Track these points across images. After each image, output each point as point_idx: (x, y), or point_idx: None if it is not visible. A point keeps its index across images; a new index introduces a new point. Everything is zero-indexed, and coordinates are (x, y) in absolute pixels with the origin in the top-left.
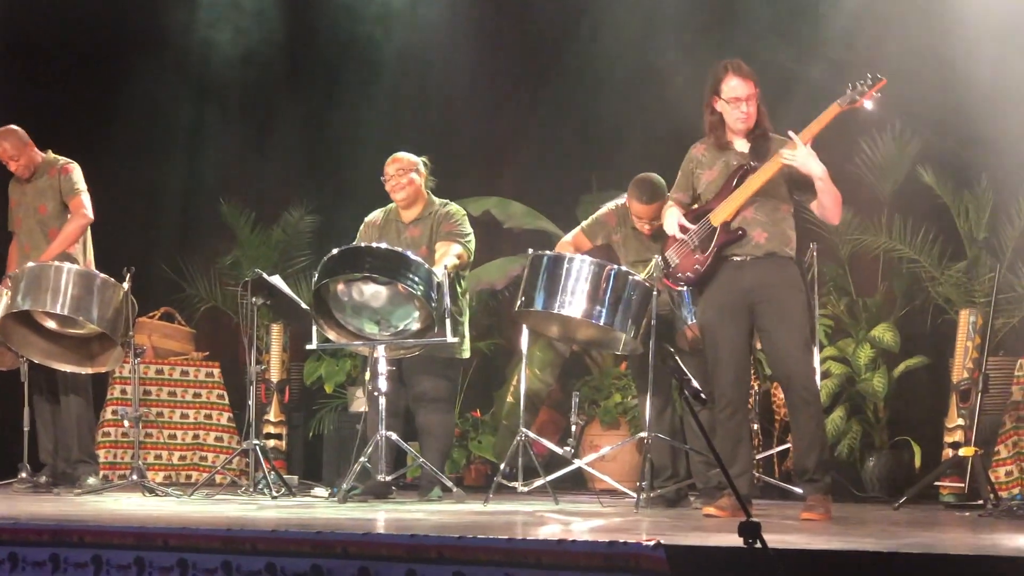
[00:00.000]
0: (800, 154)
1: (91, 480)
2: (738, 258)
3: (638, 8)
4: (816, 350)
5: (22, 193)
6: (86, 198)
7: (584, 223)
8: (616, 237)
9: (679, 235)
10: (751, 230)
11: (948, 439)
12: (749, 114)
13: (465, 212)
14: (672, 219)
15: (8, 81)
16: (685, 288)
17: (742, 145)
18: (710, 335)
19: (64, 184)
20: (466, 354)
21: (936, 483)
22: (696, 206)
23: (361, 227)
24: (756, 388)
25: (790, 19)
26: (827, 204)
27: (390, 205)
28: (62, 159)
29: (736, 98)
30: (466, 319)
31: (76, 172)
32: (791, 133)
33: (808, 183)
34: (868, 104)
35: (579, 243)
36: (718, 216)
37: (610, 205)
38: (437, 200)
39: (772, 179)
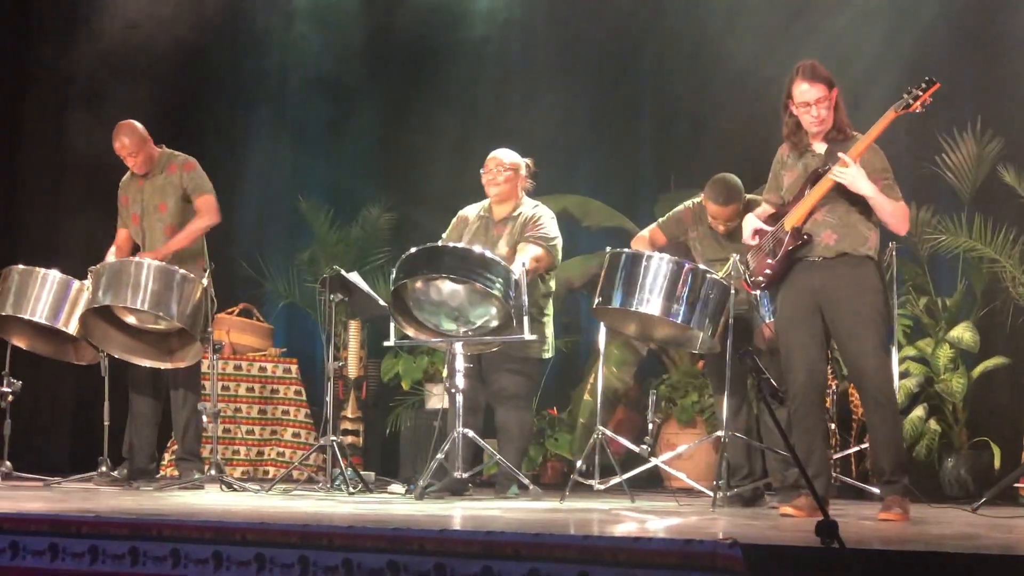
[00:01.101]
0: (849, 173)
1: (195, 477)
2: (810, 259)
3: (717, 4)
4: (895, 350)
5: (138, 191)
6: (214, 197)
7: (660, 219)
8: (692, 235)
9: (751, 241)
10: (820, 231)
11: None
12: (820, 118)
13: (554, 214)
14: (749, 226)
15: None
16: (758, 291)
17: (820, 147)
18: (783, 336)
19: (189, 182)
20: (548, 354)
21: (1016, 484)
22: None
23: (454, 219)
24: (834, 388)
25: (865, 19)
26: (887, 218)
27: (486, 200)
28: (181, 155)
29: (805, 103)
30: (549, 319)
31: (199, 168)
32: (840, 154)
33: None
34: (922, 108)
35: (655, 239)
36: (789, 220)
37: (688, 203)
38: (529, 201)
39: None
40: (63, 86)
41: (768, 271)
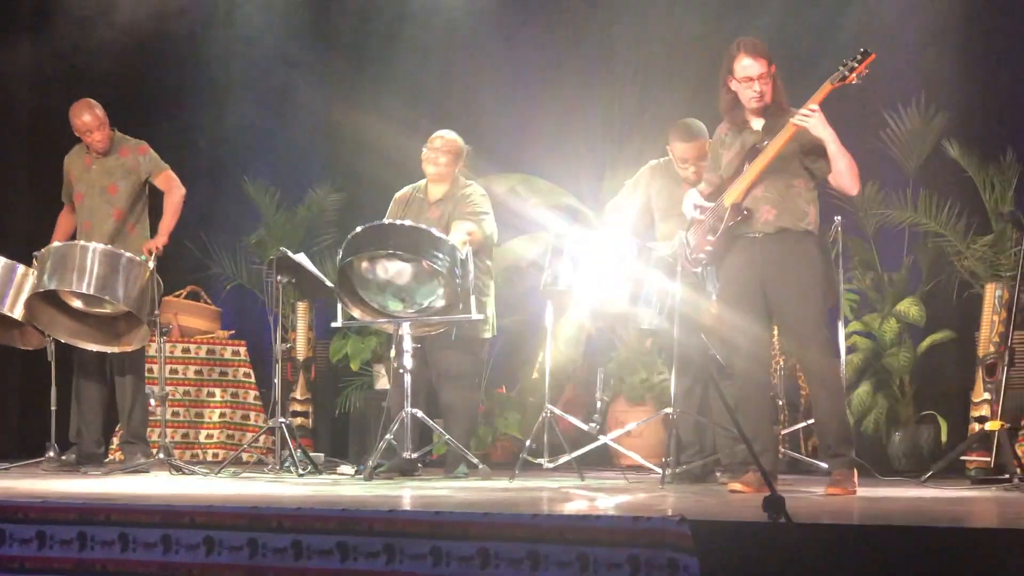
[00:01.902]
0: (814, 118)
1: (139, 460)
2: (750, 235)
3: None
4: (841, 325)
5: (85, 169)
6: (172, 173)
7: (628, 180)
8: (653, 191)
9: (696, 216)
10: (759, 207)
11: (974, 413)
12: (762, 92)
13: (485, 193)
14: (689, 201)
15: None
16: (698, 269)
17: (758, 124)
18: (726, 313)
19: (146, 164)
20: (489, 333)
21: (962, 458)
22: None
23: (391, 204)
24: (781, 364)
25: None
26: (841, 170)
27: (420, 182)
28: (131, 138)
29: (748, 77)
30: (491, 298)
31: (152, 150)
32: (810, 103)
33: (820, 150)
34: (858, 80)
35: (624, 202)
36: (728, 196)
37: (650, 163)
38: (463, 181)
39: (783, 154)
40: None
41: (709, 248)
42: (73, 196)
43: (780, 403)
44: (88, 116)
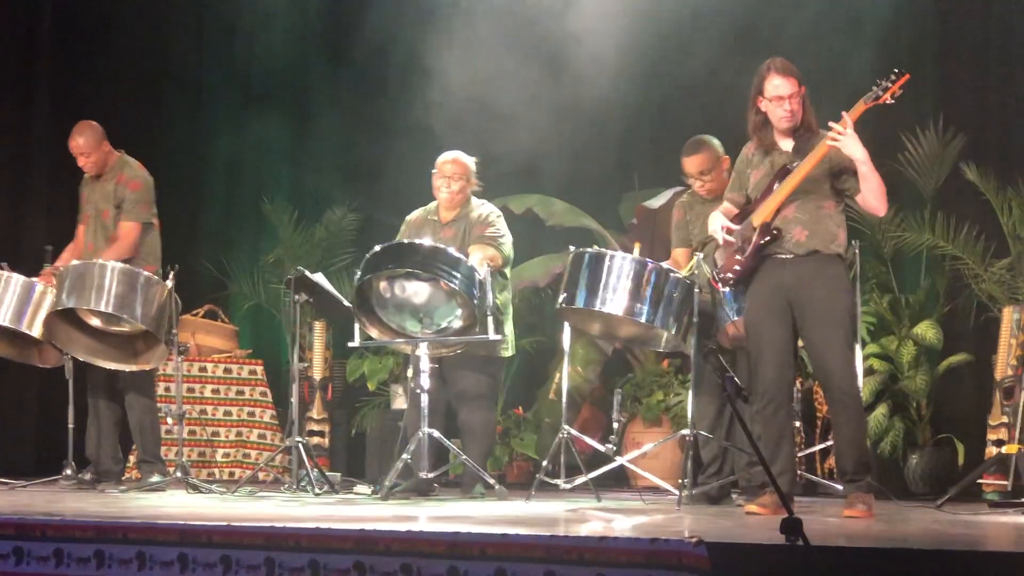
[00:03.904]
0: (847, 136)
1: (155, 479)
2: (780, 256)
3: (681, 4)
4: (858, 348)
5: (91, 191)
6: (137, 228)
7: (673, 239)
8: (689, 222)
9: (725, 237)
10: (791, 228)
11: (992, 436)
12: (792, 112)
13: (501, 212)
14: (716, 222)
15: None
16: (727, 288)
17: (787, 144)
18: (753, 332)
19: (125, 201)
20: (508, 352)
21: (979, 481)
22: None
23: (403, 226)
24: (799, 386)
25: (830, 19)
26: (871, 191)
27: (431, 204)
28: (135, 169)
29: (779, 96)
30: (509, 317)
31: (142, 192)
32: (844, 114)
33: (850, 170)
34: (891, 99)
35: (679, 258)
36: (758, 216)
37: (674, 201)
38: (475, 200)
39: (813, 175)
40: (29, 82)
41: (737, 267)
42: (83, 218)
43: (798, 424)
44: (81, 139)
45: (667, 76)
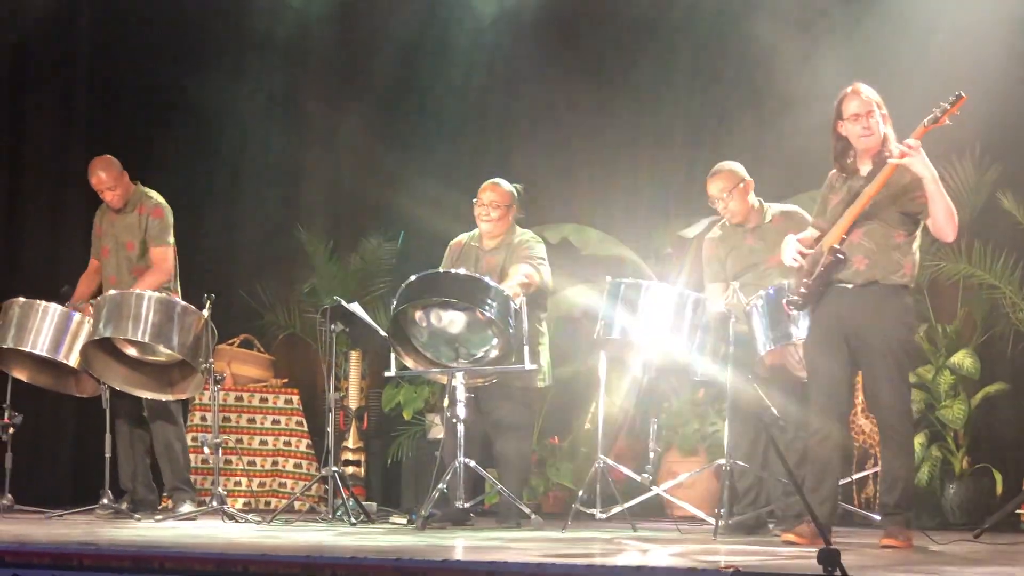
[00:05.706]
0: (917, 152)
1: (186, 507)
2: (842, 284)
3: (721, 28)
4: None
5: (111, 224)
6: (170, 251)
7: (706, 275)
8: (725, 257)
9: (795, 259)
10: (853, 255)
11: None
12: (871, 128)
13: (541, 240)
14: (789, 248)
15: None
16: (794, 311)
17: (866, 169)
18: (809, 360)
19: (151, 229)
20: (544, 383)
21: (1017, 511)
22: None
23: (446, 250)
24: None
25: (869, 45)
26: (939, 212)
27: (474, 231)
28: (154, 198)
29: (855, 115)
30: (545, 347)
31: (166, 218)
32: (912, 139)
33: (914, 191)
34: (949, 121)
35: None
36: (827, 240)
37: (706, 241)
38: (519, 229)
39: (879, 200)
40: (60, 112)
41: (804, 290)
42: (100, 251)
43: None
44: (104, 174)
45: (703, 101)
